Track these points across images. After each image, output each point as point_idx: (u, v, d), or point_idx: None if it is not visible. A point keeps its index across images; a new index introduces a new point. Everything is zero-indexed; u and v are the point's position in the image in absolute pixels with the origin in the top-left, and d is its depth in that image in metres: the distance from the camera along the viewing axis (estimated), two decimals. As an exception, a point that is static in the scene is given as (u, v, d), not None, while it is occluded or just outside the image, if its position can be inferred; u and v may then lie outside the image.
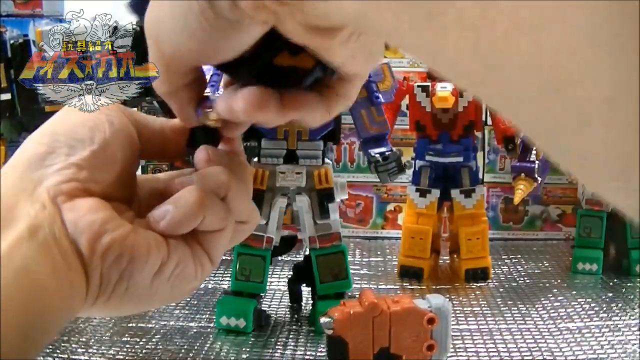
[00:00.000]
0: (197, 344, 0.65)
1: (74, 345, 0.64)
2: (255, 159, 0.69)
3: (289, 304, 0.75)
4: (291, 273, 0.75)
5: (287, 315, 0.73)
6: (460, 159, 0.83)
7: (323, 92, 0.32)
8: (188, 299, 0.77)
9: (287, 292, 0.76)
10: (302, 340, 0.67)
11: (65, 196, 0.31)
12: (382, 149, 0.69)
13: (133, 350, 0.64)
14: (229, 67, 0.31)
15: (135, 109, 0.91)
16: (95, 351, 0.63)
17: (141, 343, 0.65)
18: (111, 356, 0.62)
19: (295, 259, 0.86)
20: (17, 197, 0.30)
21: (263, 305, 0.73)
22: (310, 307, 0.73)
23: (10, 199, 0.30)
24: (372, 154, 0.69)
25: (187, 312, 0.73)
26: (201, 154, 0.35)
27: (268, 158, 0.67)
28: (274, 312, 0.73)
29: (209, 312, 0.73)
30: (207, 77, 0.62)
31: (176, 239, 0.33)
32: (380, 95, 0.68)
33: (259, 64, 0.30)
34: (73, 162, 0.32)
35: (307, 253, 0.72)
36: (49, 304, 0.28)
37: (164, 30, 0.30)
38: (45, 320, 0.28)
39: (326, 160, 0.69)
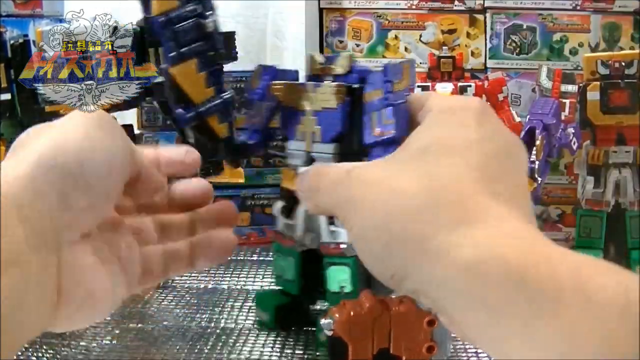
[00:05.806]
0: (198, 345, 0.65)
1: (74, 350, 0.64)
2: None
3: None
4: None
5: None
6: (461, 159, 0.83)
7: None
8: (188, 299, 0.77)
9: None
10: (302, 339, 0.67)
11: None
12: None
13: (133, 352, 0.64)
14: None
15: (136, 109, 0.91)
16: (97, 353, 0.64)
17: (141, 344, 0.65)
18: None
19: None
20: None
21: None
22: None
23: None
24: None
25: (187, 311, 0.73)
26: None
27: (294, 159, 0.67)
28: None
29: (208, 312, 0.73)
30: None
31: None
32: (389, 96, 0.63)
33: None
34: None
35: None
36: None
37: None
38: None
39: None
